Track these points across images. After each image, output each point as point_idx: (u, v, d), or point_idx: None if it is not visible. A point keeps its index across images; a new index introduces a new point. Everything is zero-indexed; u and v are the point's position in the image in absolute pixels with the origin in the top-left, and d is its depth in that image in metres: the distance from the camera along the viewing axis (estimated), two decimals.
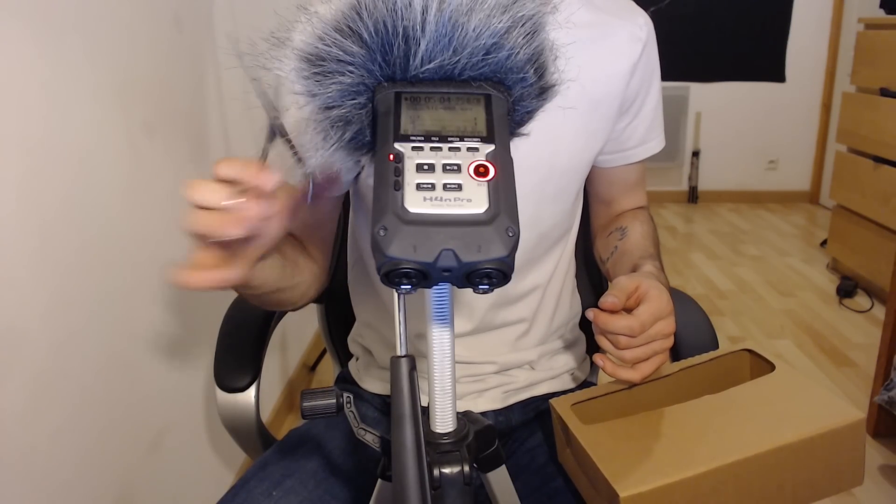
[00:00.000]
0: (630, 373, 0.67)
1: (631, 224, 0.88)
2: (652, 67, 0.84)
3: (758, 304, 2.75)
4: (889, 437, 1.81)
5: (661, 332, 0.65)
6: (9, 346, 0.84)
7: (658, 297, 0.65)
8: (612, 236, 0.89)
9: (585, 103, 0.77)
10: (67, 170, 0.96)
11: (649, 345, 0.65)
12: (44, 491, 0.91)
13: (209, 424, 1.45)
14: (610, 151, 0.86)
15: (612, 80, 0.80)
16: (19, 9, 0.86)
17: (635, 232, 0.86)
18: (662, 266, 0.80)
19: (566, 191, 0.83)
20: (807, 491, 0.64)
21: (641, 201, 0.94)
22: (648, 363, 0.66)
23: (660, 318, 0.65)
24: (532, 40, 0.43)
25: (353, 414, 0.53)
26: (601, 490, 0.61)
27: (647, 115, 0.85)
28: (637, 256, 0.81)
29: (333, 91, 0.42)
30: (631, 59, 0.80)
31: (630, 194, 0.93)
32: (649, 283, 0.67)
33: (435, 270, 0.38)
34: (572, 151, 0.80)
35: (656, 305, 0.65)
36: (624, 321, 0.63)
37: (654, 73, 0.85)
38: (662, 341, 0.66)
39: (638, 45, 0.81)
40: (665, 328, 0.66)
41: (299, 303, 0.78)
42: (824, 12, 3.98)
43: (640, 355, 0.65)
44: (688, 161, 4.26)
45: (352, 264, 0.93)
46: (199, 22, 1.44)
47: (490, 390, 0.85)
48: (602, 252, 0.91)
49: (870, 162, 2.69)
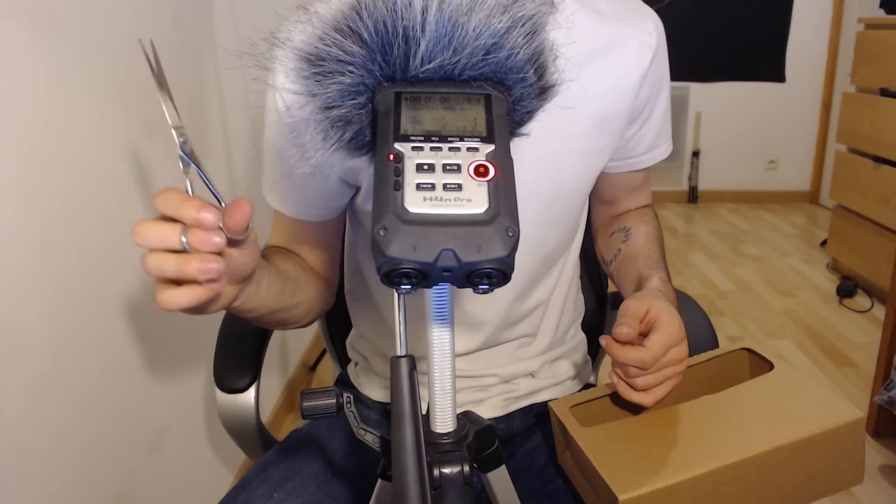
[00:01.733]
0: (642, 396, 0.65)
1: (635, 225, 0.85)
2: (662, 74, 0.80)
3: (758, 304, 2.75)
4: (889, 437, 1.81)
5: (672, 359, 0.64)
6: (9, 346, 0.84)
7: (669, 324, 0.63)
8: (615, 237, 0.87)
9: (591, 123, 0.74)
10: (67, 170, 0.96)
11: (661, 371, 0.64)
12: (44, 491, 0.91)
13: (209, 425, 1.45)
14: (617, 158, 0.83)
15: (620, 96, 0.75)
16: (19, 9, 0.86)
17: (640, 234, 0.84)
18: (669, 276, 0.78)
19: (570, 212, 0.80)
20: (806, 490, 0.64)
21: (646, 200, 0.91)
22: (661, 388, 0.65)
23: (671, 347, 0.63)
24: (532, 40, 0.43)
25: (354, 414, 0.53)
26: (600, 492, 0.61)
27: (657, 122, 0.82)
28: (643, 265, 0.78)
29: (333, 91, 0.42)
30: (640, 70, 0.76)
31: (635, 195, 0.90)
32: (659, 308, 0.65)
33: (435, 270, 0.38)
34: (577, 173, 0.77)
35: (667, 333, 0.63)
36: (635, 353, 0.62)
37: (664, 79, 0.81)
38: (675, 367, 0.65)
39: (648, 53, 0.76)
40: (677, 354, 0.64)
41: (304, 320, 0.76)
42: (824, 12, 3.98)
43: (653, 383, 0.64)
44: (688, 161, 4.26)
45: (349, 275, 0.92)
46: (199, 22, 1.44)
47: (491, 398, 0.85)
48: (605, 253, 0.89)
49: (870, 162, 2.69)
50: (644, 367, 0.62)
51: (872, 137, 2.67)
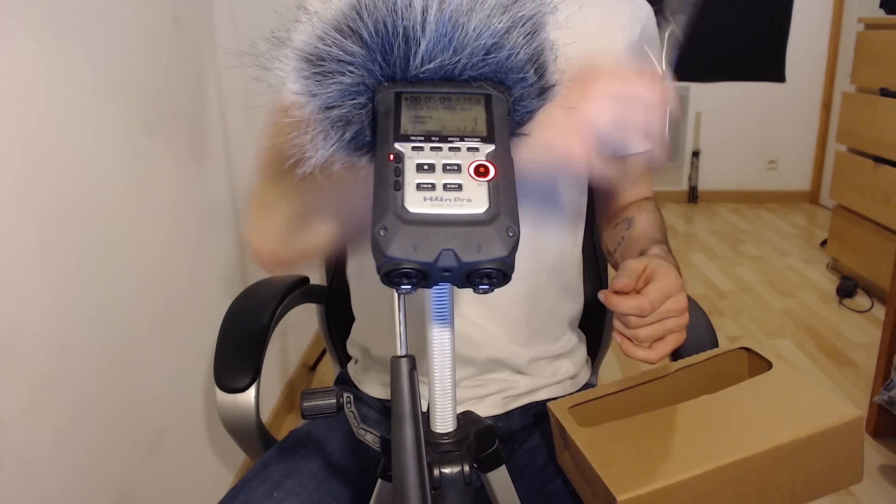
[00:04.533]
0: (647, 352, 0.66)
1: (637, 214, 0.88)
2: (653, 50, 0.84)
3: (758, 304, 2.75)
4: (889, 437, 1.81)
5: (672, 309, 0.65)
6: (9, 346, 0.84)
7: (666, 275, 0.66)
8: (618, 227, 0.89)
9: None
10: (67, 170, 0.96)
11: (662, 322, 0.65)
12: (44, 491, 0.91)
13: (209, 425, 1.45)
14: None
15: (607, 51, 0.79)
16: (19, 9, 0.86)
17: (642, 221, 0.86)
18: (671, 250, 0.80)
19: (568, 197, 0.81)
20: (806, 490, 0.64)
21: (647, 192, 0.94)
22: (665, 342, 0.66)
23: (669, 296, 0.65)
24: (532, 40, 0.43)
25: (354, 414, 0.53)
26: (599, 493, 0.61)
27: None
28: (644, 243, 0.81)
29: (333, 91, 0.42)
30: (630, 39, 0.80)
31: (636, 185, 0.92)
32: (657, 263, 0.67)
33: (435, 270, 0.38)
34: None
35: (664, 283, 0.65)
36: (633, 301, 0.64)
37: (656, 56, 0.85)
38: (676, 319, 0.66)
39: (637, 25, 0.81)
40: (676, 305, 0.65)
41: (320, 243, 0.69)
42: (824, 12, 3.98)
43: (655, 333, 0.65)
44: (688, 161, 4.26)
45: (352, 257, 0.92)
46: (199, 22, 1.44)
47: (490, 396, 0.85)
48: (609, 244, 0.91)
49: (870, 162, 2.69)
50: (642, 314, 0.63)
51: (872, 137, 2.67)
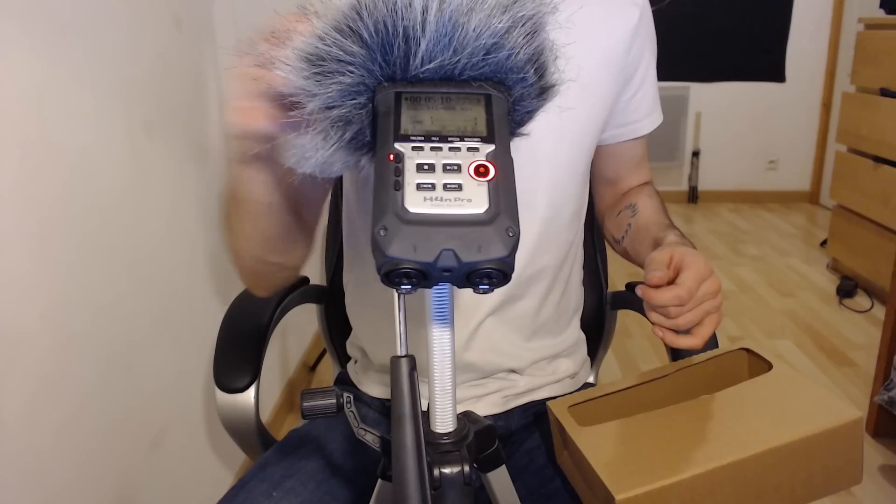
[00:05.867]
0: (690, 339, 0.67)
1: (639, 199, 0.88)
2: (650, 36, 0.85)
3: (758, 304, 2.75)
4: (889, 437, 1.81)
5: (707, 292, 0.66)
6: (9, 346, 0.84)
7: (695, 261, 0.66)
8: (622, 214, 0.89)
9: (589, 64, 0.77)
10: (67, 170, 0.96)
11: (700, 307, 0.66)
12: (44, 491, 0.91)
13: (209, 424, 1.45)
14: (618, 125, 0.87)
15: (613, 45, 0.80)
16: (19, 9, 0.86)
17: (646, 206, 0.86)
18: (682, 233, 0.80)
19: (577, 161, 0.82)
20: (805, 490, 0.64)
21: (646, 177, 0.94)
22: (704, 326, 0.67)
23: (703, 280, 0.66)
24: (532, 40, 0.43)
25: (353, 414, 0.53)
26: (598, 492, 0.61)
27: (651, 86, 0.87)
28: (655, 231, 0.81)
29: (333, 91, 0.42)
30: (629, 24, 0.81)
31: (636, 171, 0.93)
32: (682, 251, 0.68)
33: (435, 270, 0.38)
34: (579, 115, 0.79)
35: (696, 269, 0.65)
36: (671, 292, 0.64)
37: (652, 42, 0.86)
38: (712, 301, 0.66)
39: (635, 10, 0.82)
40: (710, 287, 0.66)
41: (292, 252, 0.71)
42: (824, 12, 3.98)
43: (694, 319, 0.66)
44: (688, 161, 4.25)
45: (349, 265, 0.92)
46: (199, 22, 1.44)
47: (490, 395, 0.85)
48: (614, 232, 0.91)
49: (870, 162, 2.69)
50: (682, 303, 0.64)
51: (872, 137, 2.67)
